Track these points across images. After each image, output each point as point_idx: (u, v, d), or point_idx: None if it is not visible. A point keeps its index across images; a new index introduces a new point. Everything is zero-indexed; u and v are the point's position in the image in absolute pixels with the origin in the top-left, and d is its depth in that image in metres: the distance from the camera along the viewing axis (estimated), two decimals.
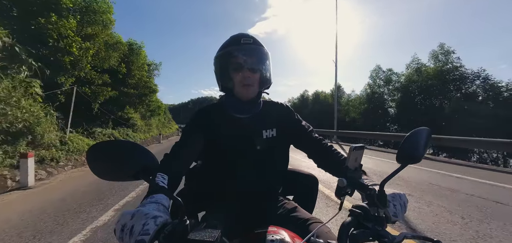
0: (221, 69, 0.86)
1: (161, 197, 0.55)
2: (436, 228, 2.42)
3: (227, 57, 0.84)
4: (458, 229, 2.40)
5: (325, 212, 2.88)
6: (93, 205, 3.16)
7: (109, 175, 0.50)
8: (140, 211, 0.46)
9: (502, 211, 2.91)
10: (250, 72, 0.83)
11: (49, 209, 2.99)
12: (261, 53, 0.85)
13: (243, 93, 0.84)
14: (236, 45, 0.83)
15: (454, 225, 2.50)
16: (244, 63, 0.82)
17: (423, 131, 0.63)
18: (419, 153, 0.62)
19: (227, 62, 0.84)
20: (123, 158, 0.48)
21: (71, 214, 2.85)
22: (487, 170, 6.06)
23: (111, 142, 0.48)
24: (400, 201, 0.62)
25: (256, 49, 0.84)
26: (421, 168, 5.71)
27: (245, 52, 0.83)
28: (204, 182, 1.00)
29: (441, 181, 4.54)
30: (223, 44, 0.87)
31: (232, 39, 0.86)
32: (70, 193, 3.80)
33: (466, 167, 6.39)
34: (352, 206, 0.59)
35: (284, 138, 0.92)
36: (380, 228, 0.55)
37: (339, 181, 0.62)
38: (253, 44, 0.84)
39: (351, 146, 0.62)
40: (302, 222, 0.79)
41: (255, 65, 0.84)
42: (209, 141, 0.85)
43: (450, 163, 7.32)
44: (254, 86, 0.85)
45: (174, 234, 0.44)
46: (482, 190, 3.84)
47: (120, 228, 0.45)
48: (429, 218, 2.69)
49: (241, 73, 0.82)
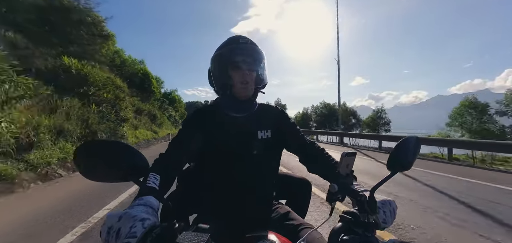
0: (220, 68, 0.88)
1: (150, 199, 0.54)
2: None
3: (226, 56, 0.86)
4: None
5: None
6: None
7: (97, 176, 0.48)
8: (128, 213, 0.45)
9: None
10: (248, 72, 0.85)
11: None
12: (258, 54, 0.88)
13: (241, 91, 0.86)
14: (235, 44, 0.87)
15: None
16: (243, 62, 0.84)
17: (411, 139, 0.64)
18: (409, 161, 0.63)
19: (226, 61, 0.86)
20: (112, 159, 0.47)
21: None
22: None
23: (100, 142, 0.47)
24: (389, 208, 0.63)
25: (254, 50, 0.87)
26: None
27: (243, 52, 0.86)
28: (196, 183, 0.99)
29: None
30: (222, 45, 0.90)
31: (231, 39, 0.89)
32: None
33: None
34: (343, 212, 0.60)
35: (278, 141, 0.92)
36: (369, 234, 0.56)
37: (330, 186, 0.63)
38: (251, 45, 0.87)
39: (343, 152, 0.63)
40: (294, 227, 0.79)
41: (252, 65, 0.87)
42: (204, 140, 0.85)
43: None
44: (251, 85, 0.87)
45: (162, 238, 0.43)
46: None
47: (106, 230, 0.44)
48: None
49: (240, 72, 0.84)
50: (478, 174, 5.53)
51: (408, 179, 4.68)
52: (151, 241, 0.43)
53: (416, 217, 2.82)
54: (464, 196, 3.68)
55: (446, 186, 4.31)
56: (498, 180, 4.85)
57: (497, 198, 3.58)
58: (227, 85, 0.86)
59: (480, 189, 4.18)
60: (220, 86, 0.89)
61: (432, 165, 6.87)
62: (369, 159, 7.91)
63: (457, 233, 2.44)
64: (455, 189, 4.11)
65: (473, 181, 4.80)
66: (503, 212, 2.99)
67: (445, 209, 3.07)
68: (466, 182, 4.70)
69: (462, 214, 2.92)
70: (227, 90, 0.87)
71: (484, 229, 2.50)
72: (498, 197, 3.68)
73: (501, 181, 4.82)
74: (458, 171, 5.97)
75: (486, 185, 4.50)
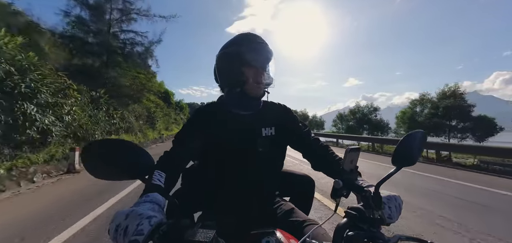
0: (232, 65, 0.87)
1: (156, 196, 0.55)
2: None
3: (240, 53, 0.85)
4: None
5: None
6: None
7: (104, 174, 0.49)
8: (135, 211, 0.46)
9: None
10: (262, 71, 0.86)
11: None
12: (270, 54, 0.88)
13: (255, 90, 0.86)
14: (253, 44, 0.87)
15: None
16: (257, 61, 0.85)
17: (417, 133, 0.64)
18: (414, 156, 0.63)
19: (240, 58, 0.85)
20: (118, 157, 0.48)
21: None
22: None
23: (106, 141, 0.48)
24: (395, 203, 0.63)
25: (267, 50, 0.88)
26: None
27: (260, 51, 0.86)
28: (201, 181, 0.99)
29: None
30: (233, 41, 0.89)
31: (246, 37, 0.89)
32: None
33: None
34: (348, 207, 0.60)
35: (282, 138, 0.92)
36: (375, 230, 0.56)
37: (335, 182, 0.62)
38: (265, 45, 0.87)
39: (347, 147, 0.62)
40: (298, 224, 0.79)
41: (265, 64, 0.88)
42: (209, 138, 0.85)
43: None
44: (264, 84, 0.88)
45: (169, 235, 0.44)
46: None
47: (114, 228, 0.44)
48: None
49: (255, 70, 0.85)
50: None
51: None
52: (158, 238, 0.43)
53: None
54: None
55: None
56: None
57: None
58: (239, 81, 0.86)
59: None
60: (230, 83, 0.89)
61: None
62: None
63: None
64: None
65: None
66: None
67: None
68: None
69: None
70: (238, 87, 0.86)
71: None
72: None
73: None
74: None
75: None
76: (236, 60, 0.85)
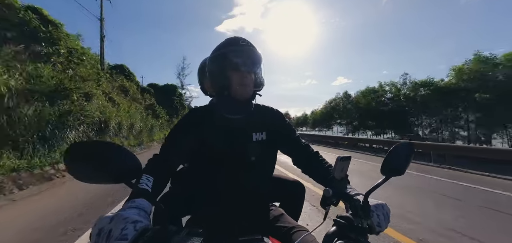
0: (219, 69, 0.87)
1: (142, 201, 0.53)
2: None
3: (225, 57, 0.85)
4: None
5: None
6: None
7: (89, 177, 0.47)
8: (119, 215, 0.44)
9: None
10: (247, 73, 0.85)
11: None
12: (257, 56, 0.88)
13: (240, 92, 0.85)
14: (235, 46, 0.86)
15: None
16: (242, 64, 0.84)
17: (405, 145, 0.65)
18: (402, 166, 0.64)
19: (225, 62, 0.85)
20: (104, 160, 0.46)
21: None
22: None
23: (91, 143, 0.46)
24: (383, 211, 0.63)
25: (253, 52, 0.87)
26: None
27: (243, 54, 0.85)
28: (190, 184, 0.98)
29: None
30: (220, 45, 0.89)
31: (230, 41, 0.88)
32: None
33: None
34: (336, 216, 0.60)
35: (273, 142, 0.91)
36: (362, 239, 0.56)
37: (325, 191, 0.63)
38: (250, 47, 0.87)
39: (338, 156, 0.63)
40: (287, 230, 0.79)
41: (251, 67, 0.87)
42: (198, 141, 0.83)
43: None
44: (250, 86, 0.87)
45: (154, 241, 0.42)
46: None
47: (97, 232, 0.43)
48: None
49: (239, 73, 0.84)
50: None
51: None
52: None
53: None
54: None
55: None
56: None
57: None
58: (224, 86, 0.85)
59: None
60: (218, 86, 0.88)
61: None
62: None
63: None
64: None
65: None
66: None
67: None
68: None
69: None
70: (224, 91, 0.86)
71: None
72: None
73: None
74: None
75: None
76: (223, 64, 0.85)
